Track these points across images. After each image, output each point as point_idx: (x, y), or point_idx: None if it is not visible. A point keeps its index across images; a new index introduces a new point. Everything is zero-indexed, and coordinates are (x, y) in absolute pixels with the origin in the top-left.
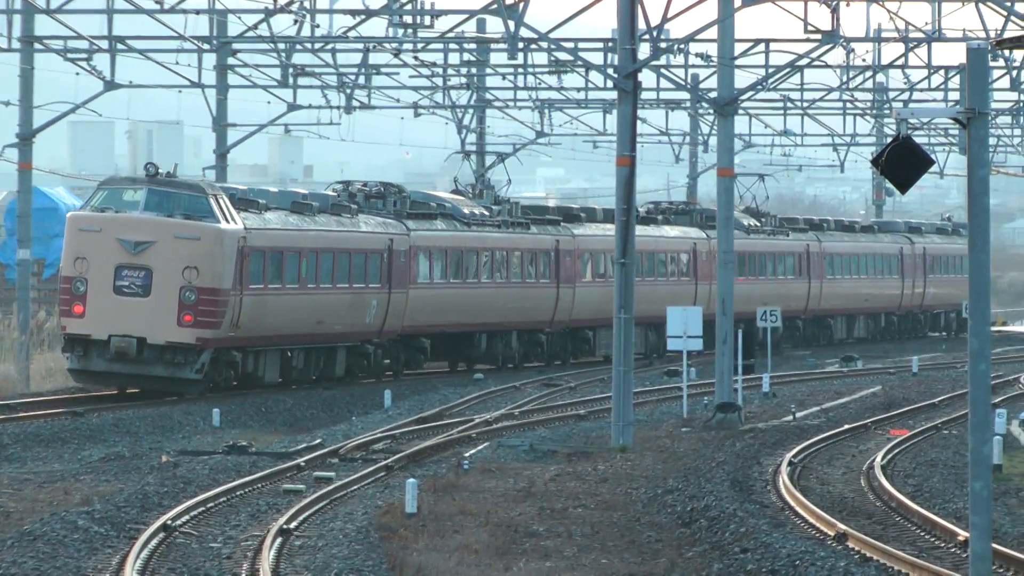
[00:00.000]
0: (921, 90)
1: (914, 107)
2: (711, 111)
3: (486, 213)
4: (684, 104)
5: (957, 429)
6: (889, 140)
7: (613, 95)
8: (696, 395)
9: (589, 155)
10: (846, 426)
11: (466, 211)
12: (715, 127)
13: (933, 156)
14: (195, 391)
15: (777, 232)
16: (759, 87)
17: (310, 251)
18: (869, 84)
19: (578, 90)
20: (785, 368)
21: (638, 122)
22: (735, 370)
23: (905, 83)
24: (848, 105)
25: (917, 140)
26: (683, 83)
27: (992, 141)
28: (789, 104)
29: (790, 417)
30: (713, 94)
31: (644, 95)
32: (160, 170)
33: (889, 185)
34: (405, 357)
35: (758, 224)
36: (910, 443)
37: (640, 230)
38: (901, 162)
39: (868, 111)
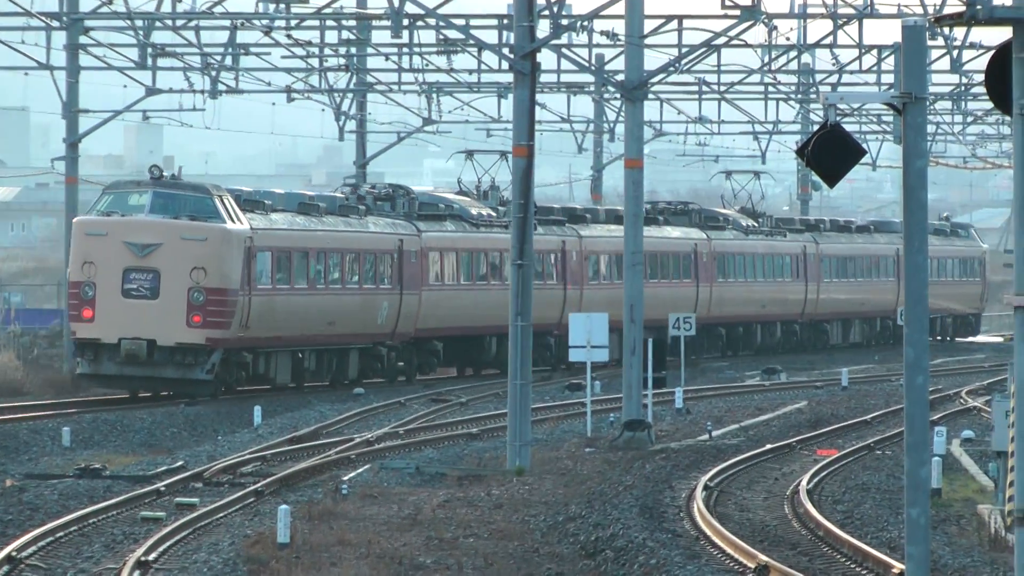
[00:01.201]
0: (851, 72)
1: (844, 91)
2: (618, 96)
3: (493, 214)
4: (588, 88)
5: (891, 449)
6: (816, 128)
7: (509, 78)
8: (601, 411)
9: (482, 144)
10: (768, 446)
11: (474, 212)
12: (622, 113)
13: (865, 145)
14: (206, 392)
15: (774, 233)
16: (671, 69)
17: (318, 251)
18: (793, 66)
19: (470, 72)
20: (700, 381)
21: (537, 108)
22: (644, 384)
23: (834, 64)
24: (770, 89)
25: (847, 128)
26: (587, 64)
27: (930, 129)
28: (705, 88)
29: (706, 436)
30: (620, 77)
31: (543, 78)
32: (164, 172)
33: (816, 178)
34: (418, 360)
35: (755, 224)
36: (839, 465)
37: (644, 230)
38: (829, 152)
39: (792, 96)
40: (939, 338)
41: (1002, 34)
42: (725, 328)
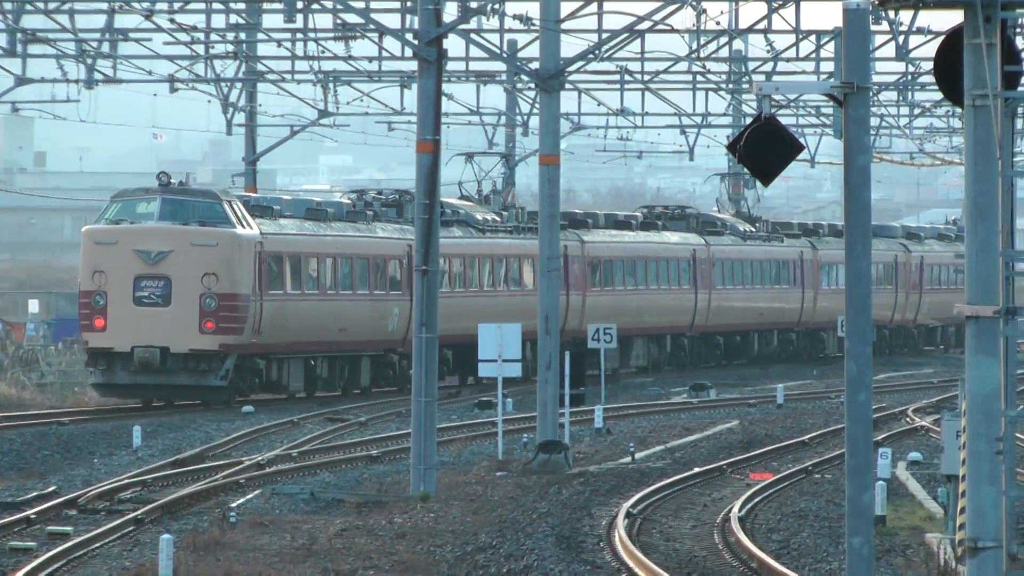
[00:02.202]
0: (787, 60)
1: (779, 81)
2: (532, 86)
3: (497, 219)
4: (499, 77)
5: (831, 473)
6: (749, 121)
7: (413, 66)
8: (514, 432)
9: (383, 139)
10: (696, 469)
11: (479, 217)
12: (537, 105)
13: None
14: (220, 398)
15: (772, 238)
16: (590, 56)
17: (327, 256)
18: (724, 53)
19: (370, 60)
20: (622, 398)
21: (443, 99)
22: (561, 401)
23: (768, 51)
24: (699, 79)
25: (783, 120)
26: (498, 51)
27: (874, 122)
28: (627, 77)
29: (628, 458)
30: (535, 65)
31: (451, 66)
32: (172, 179)
33: (749, 175)
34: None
35: (753, 229)
36: (774, 490)
37: (642, 236)
38: (763, 147)
39: (723, 86)
40: (942, 347)
41: (952, 18)
42: (723, 336)
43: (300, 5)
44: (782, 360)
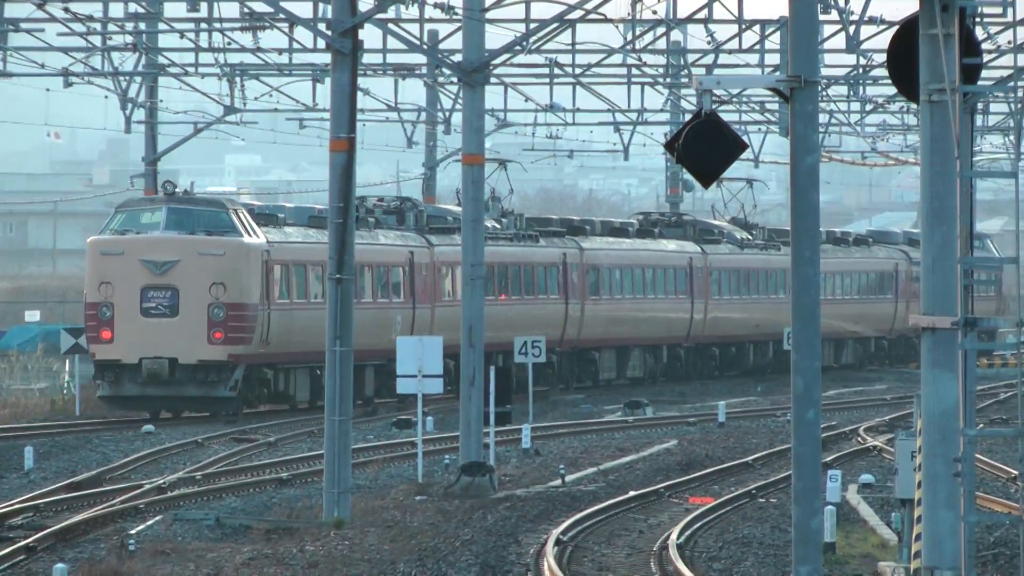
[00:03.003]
0: (730, 52)
1: (721, 74)
2: (454, 80)
3: (497, 226)
4: (419, 71)
5: (777, 496)
6: (688, 118)
7: (326, 58)
8: (435, 452)
9: (294, 137)
10: (631, 493)
11: None
12: (460, 100)
13: (745, 138)
14: (229, 409)
15: (769, 246)
16: (517, 48)
17: None
18: (662, 44)
19: (280, 52)
20: (552, 417)
21: (359, 94)
22: (486, 420)
23: (709, 42)
24: (634, 72)
25: (724, 117)
26: (418, 43)
27: (823, 118)
28: (557, 71)
29: (558, 481)
30: (457, 57)
31: (367, 58)
32: (178, 188)
33: (688, 176)
34: None
35: (750, 237)
36: (715, 515)
37: (640, 243)
38: (704, 146)
39: (660, 80)
40: None
41: (907, 6)
42: (719, 348)
43: None
44: (777, 371)
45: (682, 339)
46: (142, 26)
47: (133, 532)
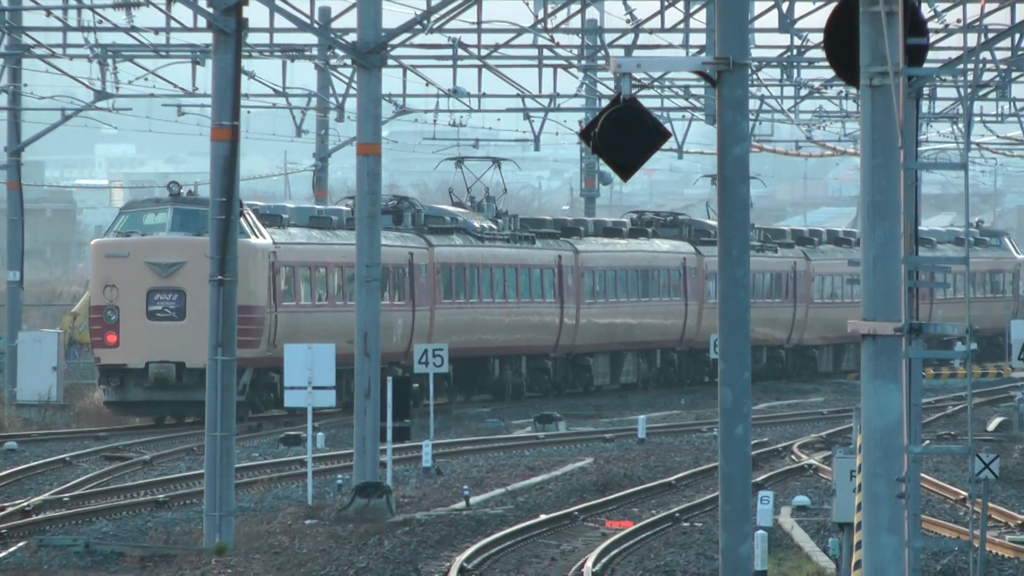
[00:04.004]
0: (651, 31)
1: (641, 57)
2: (348, 62)
3: (494, 227)
4: (310, 52)
5: (703, 520)
6: (606, 104)
7: (207, 38)
8: (327, 472)
9: (172, 125)
10: (542, 516)
11: (477, 225)
12: (354, 85)
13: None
14: (237, 414)
15: (765, 248)
16: (417, 27)
17: (336, 266)
18: (576, 23)
19: (156, 32)
20: (455, 432)
21: (243, 78)
22: (382, 436)
23: (628, 22)
24: (546, 53)
25: (645, 103)
26: (308, 21)
27: (754, 104)
28: (461, 52)
29: (462, 503)
30: (352, 37)
31: (252, 38)
32: (182, 189)
33: (606, 168)
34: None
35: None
36: (635, 541)
37: (634, 244)
38: (623, 135)
39: (575, 62)
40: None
41: None
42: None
43: None
44: (771, 377)
45: (676, 344)
46: (4, 3)
47: None
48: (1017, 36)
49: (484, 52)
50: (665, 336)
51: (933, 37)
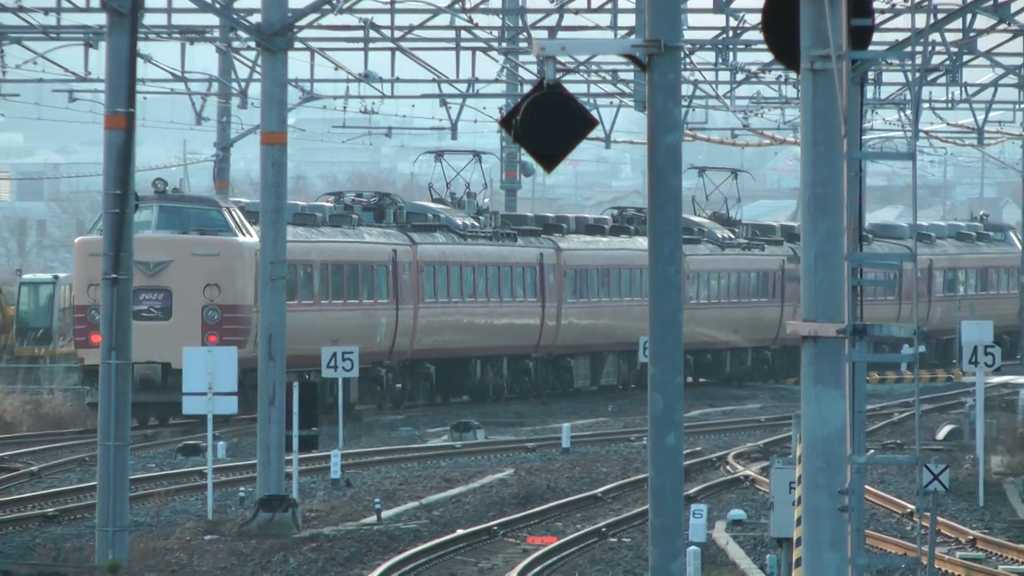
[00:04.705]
0: (576, 12)
1: (566, 39)
2: (252, 44)
3: (476, 224)
4: (210, 33)
5: (631, 535)
6: (528, 90)
7: (101, 19)
8: (228, 484)
9: (63, 112)
10: (460, 531)
11: (459, 222)
12: (259, 69)
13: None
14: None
15: (752, 246)
16: (326, 7)
17: (321, 264)
18: (497, 2)
19: (46, 12)
20: (366, 442)
21: (140, 62)
22: (287, 445)
23: (552, 1)
24: (464, 35)
25: (570, 89)
26: (209, 0)
27: (687, 90)
28: (373, 34)
29: (373, 518)
30: (256, 18)
31: (149, 19)
32: (168, 186)
33: (528, 158)
34: (410, 386)
35: (732, 236)
36: (558, 557)
37: (616, 242)
38: (546, 123)
39: (495, 44)
40: (954, 361)
41: None
42: (694, 355)
43: None
44: (756, 378)
45: None
46: None
47: None
48: (968, 17)
49: (398, 34)
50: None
51: (879, 18)
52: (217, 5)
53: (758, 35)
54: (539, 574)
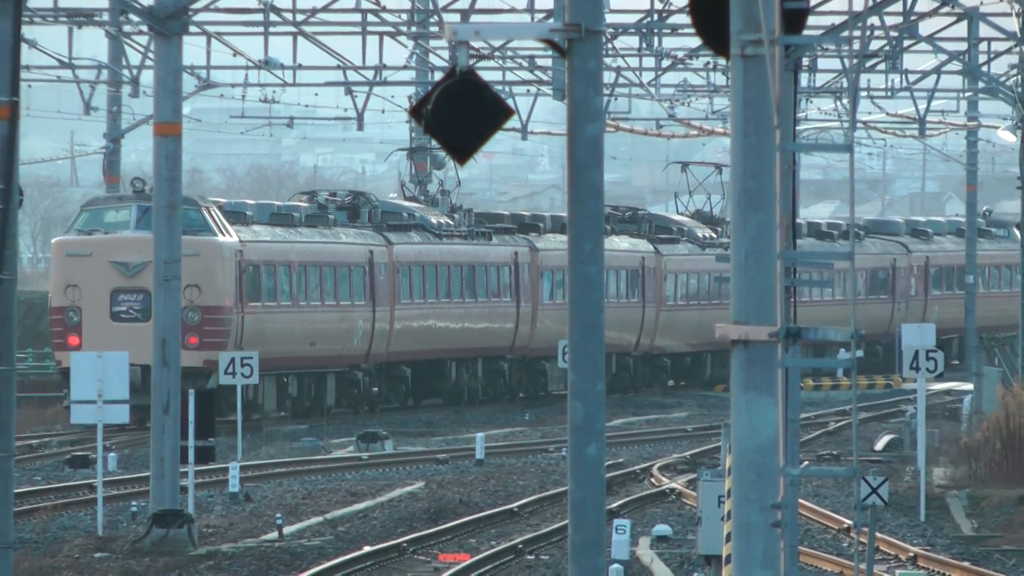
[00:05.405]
0: None
1: (480, 23)
2: (144, 28)
3: (450, 222)
4: (100, 17)
5: (550, 552)
6: (439, 77)
7: None
8: (119, 498)
9: None
10: (367, 548)
11: (434, 221)
12: (151, 55)
13: (511, 103)
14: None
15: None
16: None
17: (300, 265)
18: None
19: None
20: (266, 453)
21: (24, 47)
22: (183, 457)
23: None
24: (371, 19)
25: (485, 77)
26: None
27: (609, 77)
28: (274, 17)
29: (274, 534)
30: (149, 0)
31: (34, 2)
32: (146, 186)
33: (439, 150)
34: (387, 389)
35: (714, 235)
36: (472, 575)
37: None
38: (459, 113)
39: (404, 28)
40: (955, 362)
41: None
42: (671, 359)
43: None
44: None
45: (632, 348)
46: None
47: None
48: None
49: (300, 17)
50: (621, 341)
51: (814, 0)
52: None
53: (685, 19)
54: None
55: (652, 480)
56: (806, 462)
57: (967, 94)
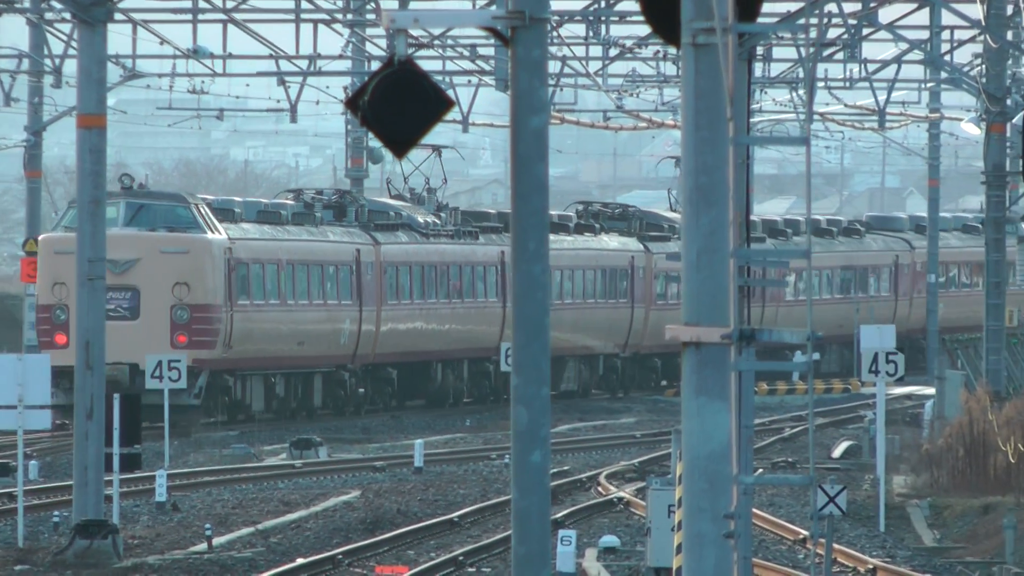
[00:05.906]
0: None
1: (419, 10)
2: (67, 15)
3: (437, 221)
4: (20, 3)
5: (492, 564)
6: (377, 67)
7: None
8: (40, 507)
9: None
10: (300, 560)
11: (421, 220)
12: (74, 43)
13: (452, 94)
14: (193, 418)
15: None
16: None
17: (289, 263)
18: None
19: None
20: (196, 460)
21: None
22: (108, 465)
23: None
24: (305, 6)
25: (424, 67)
26: None
27: (554, 67)
28: (203, 4)
29: (203, 545)
30: None
31: None
32: (135, 183)
33: (377, 144)
34: (372, 390)
35: None
36: None
37: (580, 241)
38: (397, 104)
39: (339, 15)
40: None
41: None
42: (661, 359)
43: None
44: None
45: (620, 348)
46: None
47: None
48: None
49: (230, 5)
50: (608, 341)
51: None
52: None
53: (633, 6)
54: None
55: (599, 489)
56: (760, 470)
57: (929, 85)
